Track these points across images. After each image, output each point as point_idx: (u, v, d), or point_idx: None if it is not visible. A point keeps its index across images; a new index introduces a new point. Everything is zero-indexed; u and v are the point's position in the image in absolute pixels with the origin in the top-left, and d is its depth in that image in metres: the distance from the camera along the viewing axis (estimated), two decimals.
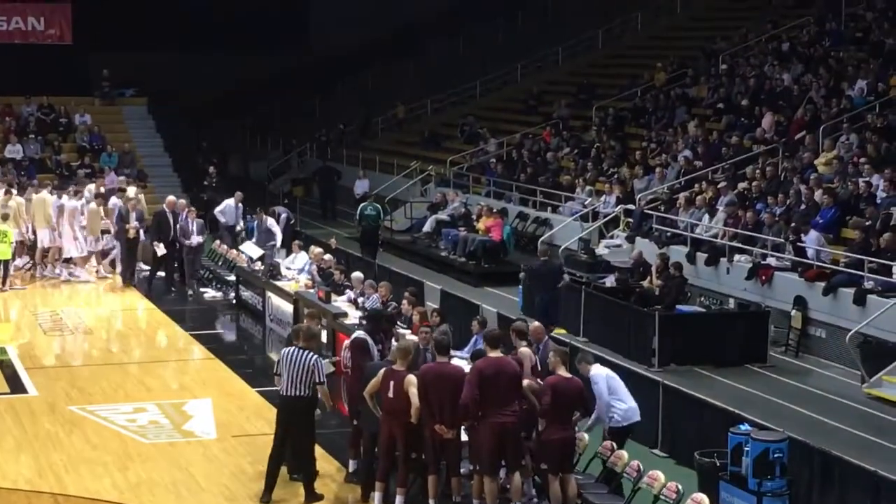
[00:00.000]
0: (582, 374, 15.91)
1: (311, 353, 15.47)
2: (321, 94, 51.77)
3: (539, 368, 15.66)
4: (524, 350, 15.69)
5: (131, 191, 32.51)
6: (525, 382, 14.90)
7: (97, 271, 31.10)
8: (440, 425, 14.68)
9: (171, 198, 30.82)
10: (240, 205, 31.86)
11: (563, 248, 27.43)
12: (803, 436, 15.83)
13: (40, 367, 22.70)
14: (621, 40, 44.73)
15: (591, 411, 15.58)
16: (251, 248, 28.10)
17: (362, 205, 34.38)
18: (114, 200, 31.30)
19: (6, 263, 29.71)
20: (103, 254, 31.34)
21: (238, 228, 31.58)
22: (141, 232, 30.00)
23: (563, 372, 15.00)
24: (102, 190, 33.18)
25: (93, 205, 31.12)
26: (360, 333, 17.24)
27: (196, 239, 29.55)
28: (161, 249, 29.47)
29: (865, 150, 25.81)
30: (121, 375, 22.87)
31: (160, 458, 17.29)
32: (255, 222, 30.51)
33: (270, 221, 30.06)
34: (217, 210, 31.38)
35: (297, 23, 50.87)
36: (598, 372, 16.04)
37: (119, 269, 30.76)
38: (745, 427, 15.44)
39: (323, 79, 51.28)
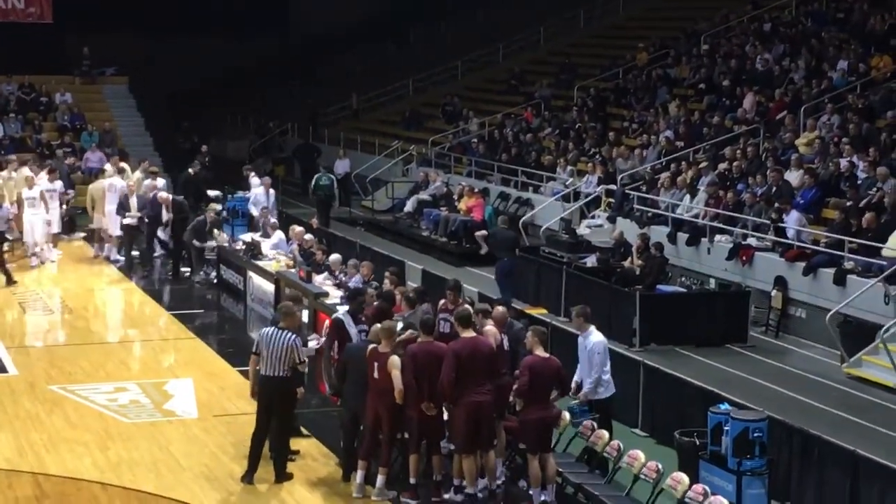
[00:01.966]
0: (580, 330, 16.08)
1: (290, 333, 15.49)
2: (302, 76, 51.67)
3: (504, 347, 15.67)
4: (489, 329, 15.70)
5: (136, 175, 32.22)
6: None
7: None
8: (427, 403, 14.77)
9: (162, 194, 30.53)
10: (271, 191, 31.21)
11: (544, 228, 27.49)
12: (783, 415, 15.87)
13: (20, 346, 22.72)
14: (603, 20, 44.74)
15: (568, 390, 15.64)
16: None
17: (317, 175, 35.38)
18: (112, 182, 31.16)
19: None
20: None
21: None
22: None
23: (540, 352, 15.02)
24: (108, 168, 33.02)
25: (139, 172, 31.57)
26: (339, 313, 17.25)
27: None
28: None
29: (846, 130, 25.85)
30: (101, 355, 22.82)
31: (141, 438, 17.27)
32: (242, 202, 30.80)
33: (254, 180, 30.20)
34: (250, 203, 30.58)
35: (278, 4, 50.74)
36: (600, 338, 16.11)
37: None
38: (724, 406, 15.48)
39: (303, 62, 51.18)
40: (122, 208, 29.67)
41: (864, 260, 20.73)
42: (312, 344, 18.13)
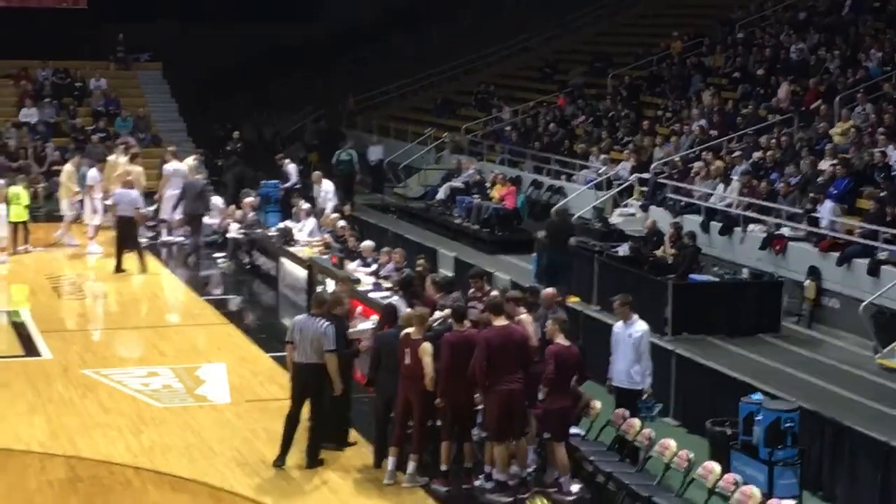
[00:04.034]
0: (624, 319, 16.16)
1: (322, 320, 15.52)
2: (334, 63, 51.60)
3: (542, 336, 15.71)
4: (524, 317, 15.72)
5: (189, 160, 32.31)
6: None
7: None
8: (440, 399, 14.91)
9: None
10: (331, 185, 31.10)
11: (576, 216, 27.43)
12: (815, 406, 15.83)
13: (55, 330, 22.79)
14: (637, 8, 44.59)
15: (586, 378, 15.71)
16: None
17: (338, 151, 35.90)
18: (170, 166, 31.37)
19: (24, 225, 29.87)
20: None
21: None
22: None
23: (561, 340, 15.10)
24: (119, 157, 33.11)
25: (190, 160, 31.80)
26: (394, 300, 17.33)
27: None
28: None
29: (882, 120, 25.71)
30: (135, 340, 22.99)
31: (173, 423, 17.39)
32: (275, 190, 31.07)
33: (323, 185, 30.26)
34: (323, 193, 30.50)
35: None
36: (645, 327, 16.18)
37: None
38: (756, 396, 15.49)
39: (336, 48, 51.12)
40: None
41: None
42: (365, 325, 18.16)
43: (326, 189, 29.79)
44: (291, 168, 31.54)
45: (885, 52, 29.03)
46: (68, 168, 31.29)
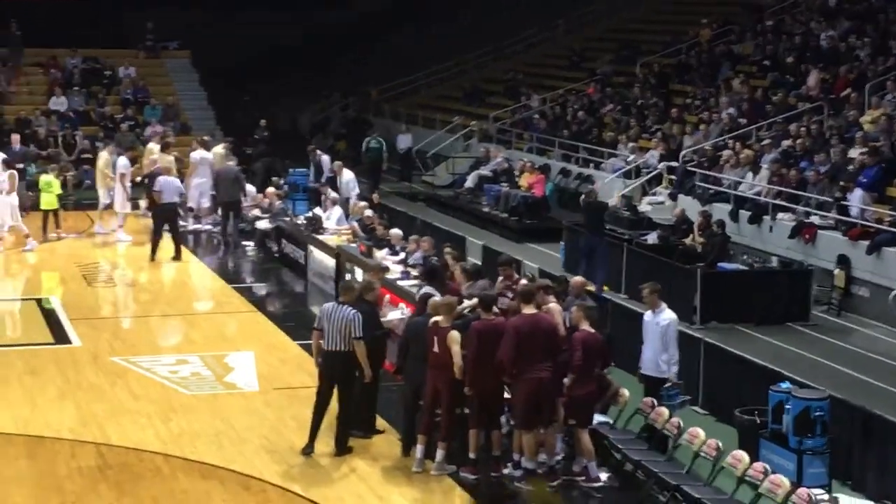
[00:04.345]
0: (652, 307, 16.22)
1: (350, 308, 15.55)
2: (361, 50, 51.62)
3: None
4: (553, 306, 15.73)
5: (218, 147, 32.40)
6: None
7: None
8: (468, 387, 14.93)
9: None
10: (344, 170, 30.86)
11: (608, 204, 27.41)
12: (844, 394, 15.78)
13: (84, 317, 22.84)
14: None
15: (609, 364, 15.86)
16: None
17: (367, 138, 36.41)
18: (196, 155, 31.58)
19: (55, 213, 30.01)
20: None
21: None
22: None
23: (586, 327, 15.14)
24: (154, 144, 33.26)
25: (219, 149, 32.03)
26: (427, 289, 17.33)
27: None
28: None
29: None
30: (164, 327, 23.06)
31: (202, 410, 17.44)
32: (304, 178, 31.44)
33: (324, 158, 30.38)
34: (346, 184, 30.13)
35: None
36: (673, 315, 16.22)
37: None
38: (786, 385, 15.45)
39: (363, 37, 51.12)
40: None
41: None
42: (396, 315, 18.20)
43: (347, 179, 29.81)
44: (325, 159, 31.53)
45: None
46: (105, 156, 31.35)
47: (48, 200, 29.82)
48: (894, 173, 23.22)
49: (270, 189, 30.41)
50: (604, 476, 15.10)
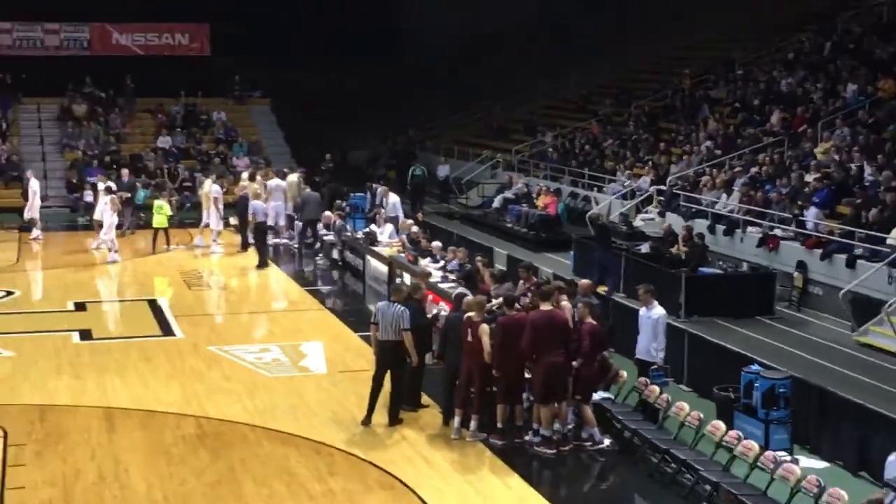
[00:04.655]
0: (646, 304, 16.20)
1: (399, 306, 15.60)
2: (409, 96, 51.54)
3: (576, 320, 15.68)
4: (565, 304, 15.72)
5: (293, 176, 32.56)
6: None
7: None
8: (496, 370, 14.96)
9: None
10: (390, 193, 30.69)
11: (607, 221, 27.33)
12: (803, 375, 15.72)
13: (186, 315, 22.98)
14: (655, 52, 44.28)
15: (608, 349, 16.03)
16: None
17: (412, 167, 36.68)
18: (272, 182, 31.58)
19: (165, 231, 30.20)
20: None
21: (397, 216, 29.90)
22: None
23: (590, 320, 15.22)
24: (246, 174, 33.39)
25: (293, 177, 32.09)
26: (461, 290, 17.37)
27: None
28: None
29: (856, 141, 25.51)
30: (250, 322, 23.15)
31: (281, 389, 17.51)
32: (366, 199, 31.37)
33: (386, 196, 30.35)
34: (391, 206, 29.91)
35: (390, 36, 50.61)
36: (663, 311, 16.18)
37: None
38: (755, 367, 15.41)
39: (412, 85, 51.03)
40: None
41: (870, 247, 20.42)
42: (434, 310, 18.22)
43: (393, 201, 29.84)
44: (379, 189, 31.44)
45: (860, 85, 28.72)
46: (208, 184, 31.50)
47: (159, 220, 30.00)
48: (842, 194, 23.07)
49: (327, 213, 30.45)
50: (606, 441, 15.10)
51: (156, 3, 42.44)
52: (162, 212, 30.08)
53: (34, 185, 31.62)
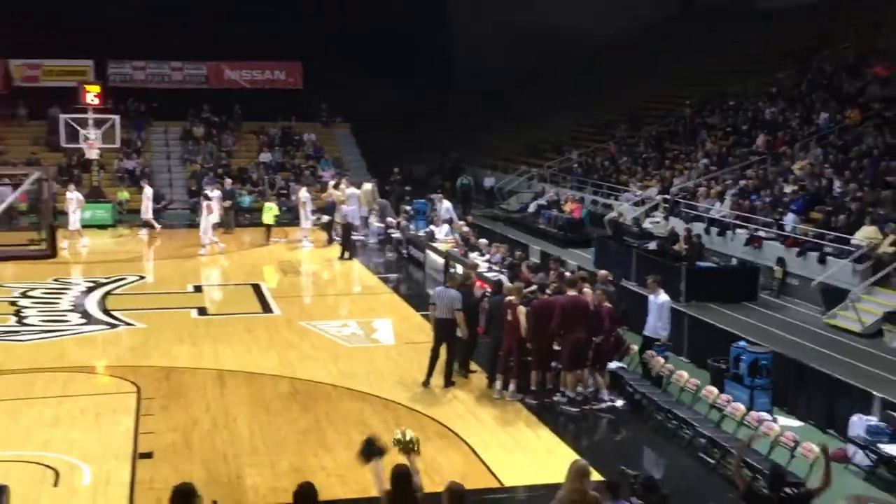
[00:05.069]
0: (653, 291, 16.07)
1: (453, 290, 15.65)
2: (461, 118, 51.41)
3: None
4: (587, 291, 15.69)
5: (367, 185, 32.69)
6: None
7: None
8: (530, 343, 15.04)
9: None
10: (444, 201, 30.46)
11: (623, 223, 27.23)
12: (782, 350, 15.60)
13: (282, 296, 23.10)
14: (661, 85, 43.95)
15: (623, 327, 16.16)
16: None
17: (460, 178, 37.05)
18: (349, 190, 31.62)
19: (270, 227, 30.76)
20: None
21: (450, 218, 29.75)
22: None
23: (607, 303, 15.27)
24: (332, 183, 33.52)
25: (367, 186, 32.22)
26: (501, 278, 17.41)
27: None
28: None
29: (827, 159, 25.24)
30: (332, 302, 23.26)
31: (357, 357, 17.58)
32: (427, 204, 31.23)
33: (441, 202, 30.37)
34: (445, 211, 29.70)
35: (447, 69, 50.47)
36: (667, 298, 16.09)
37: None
38: (742, 343, 15.31)
39: (462, 107, 50.82)
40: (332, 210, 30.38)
41: (838, 247, 20.23)
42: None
43: (447, 206, 29.86)
44: (437, 198, 31.36)
45: (830, 113, 28.40)
46: (303, 192, 31.73)
47: (268, 218, 30.48)
48: (815, 203, 22.85)
49: (400, 214, 30.53)
50: (620, 402, 15.04)
51: (258, 46, 42.63)
52: (271, 211, 30.53)
53: (148, 192, 31.87)
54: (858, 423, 13.00)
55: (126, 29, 40.49)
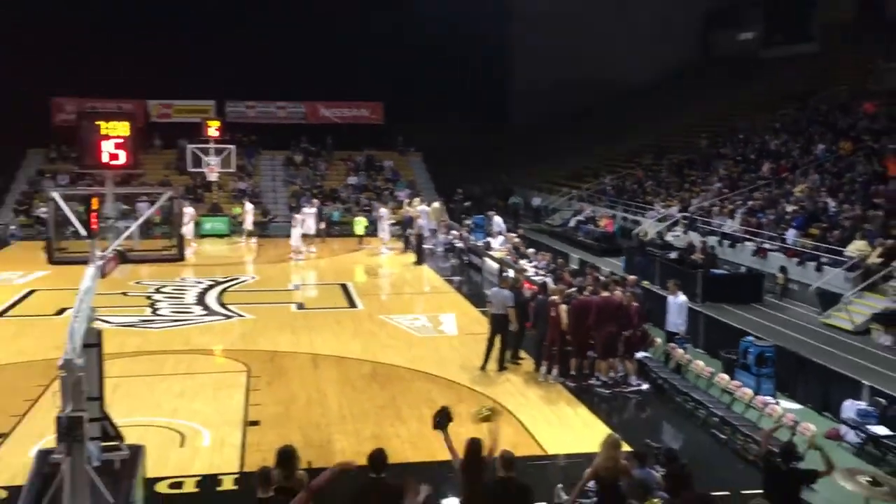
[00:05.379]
0: (673, 293, 15.91)
1: (506, 290, 15.61)
2: (513, 146, 51.19)
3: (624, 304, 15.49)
4: (618, 293, 15.56)
5: (436, 204, 32.82)
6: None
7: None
8: (570, 336, 14.94)
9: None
10: (496, 217, 30.27)
11: (647, 236, 26.96)
12: (784, 344, 15.32)
13: (365, 294, 23.19)
14: (681, 121, 43.40)
15: (646, 323, 15.72)
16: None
17: (511, 197, 37.51)
18: (420, 207, 31.81)
19: (361, 237, 31.12)
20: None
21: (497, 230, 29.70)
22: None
23: (635, 303, 15.11)
24: (406, 201, 33.60)
25: (436, 204, 32.59)
26: (546, 280, 17.36)
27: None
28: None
29: (824, 184, 24.75)
30: (406, 299, 23.27)
31: (425, 346, 17.59)
32: (484, 219, 31.04)
33: (493, 217, 30.32)
34: (498, 225, 29.61)
35: (500, 103, 50.36)
36: (685, 298, 15.89)
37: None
38: (749, 338, 15.05)
39: (514, 136, 50.57)
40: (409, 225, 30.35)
41: (832, 257, 19.84)
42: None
43: (498, 220, 29.81)
44: (491, 214, 31.31)
45: (826, 145, 27.88)
46: (383, 209, 31.95)
47: (359, 229, 31.04)
48: (813, 220, 22.42)
49: (462, 227, 30.51)
50: (645, 386, 14.87)
51: (347, 89, 43.06)
52: (361, 223, 31.07)
53: (248, 207, 32.34)
54: (850, 407, 12.72)
55: (240, 76, 41.27)
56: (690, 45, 49.62)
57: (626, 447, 9.84)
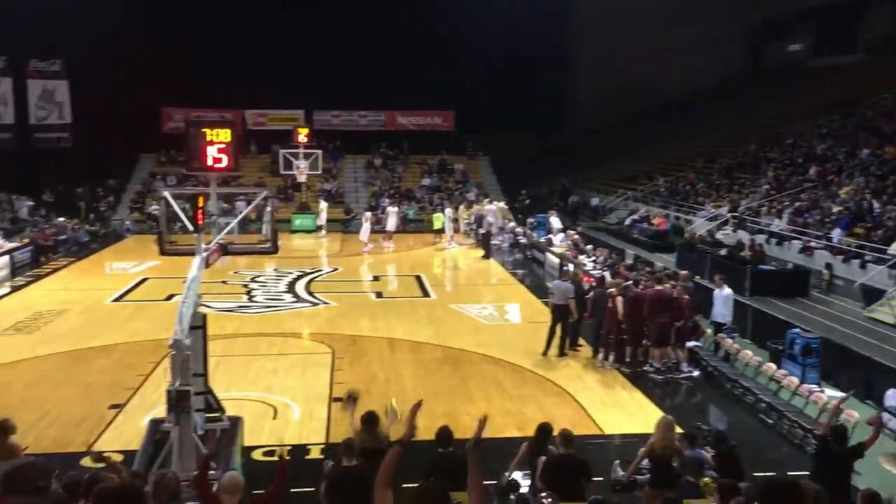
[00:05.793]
0: (719, 287, 15.60)
1: (567, 283, 15.50)
2: (571, 150, 50.54)
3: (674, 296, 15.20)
4: (667, 286, 15.30)
5: (501, 203, 32.74)
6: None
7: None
8: (625, 325, 14.77)
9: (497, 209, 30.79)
10: (554, 217, 30.00)
11: (698, 234, 26.42)
12: (829, 335, 14.87)
13: (437, 284, 23.24)
14: (733, 128, 42.34)
15: (695, 314, 15.35)
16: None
17: (571, 198, 37.13)
18: (488, 207, 31.65)
19: (438, 232, 31.14)
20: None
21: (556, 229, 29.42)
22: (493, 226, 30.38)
23: (686, 296, 14.82)
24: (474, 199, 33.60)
25: (501, 204, 32.40)
26: (605, 274, 17.16)
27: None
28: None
29: (868, 186, 23.91)
30: (475, 289, 23.25)
31: (492, 332, 17.54)
32: (544, 219, 30.77)
33: (550, 217, 30.04)
34: (555, 224, 29.38)
35: (557, 110, 49.89)
36: (731, 291, 15.57)
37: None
38: (796, 330, 14.65)
39: (571, 141, 50.00)
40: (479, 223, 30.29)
41: (877, 255, 19.18)
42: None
43: (554, 220, 29.55)
44: (553, 219, 31.00)
45: (871, 149, 26.92)
46: (461, 208, 32.04)
47: (437, 225, 31.08)
48: (858, 220, 21.70)
49: (526, 225, 30.33)
50: (696, 373, 14.60)
51: (422, 98, 43.27)
52: (439, 220, 31.18)
53: (323, 205, 32.81)
54: (893, 396, 12.29)
55: (326, 88, 41.93)
56: (740, 56, 48.46)
57: (677, 429, 9.69)
